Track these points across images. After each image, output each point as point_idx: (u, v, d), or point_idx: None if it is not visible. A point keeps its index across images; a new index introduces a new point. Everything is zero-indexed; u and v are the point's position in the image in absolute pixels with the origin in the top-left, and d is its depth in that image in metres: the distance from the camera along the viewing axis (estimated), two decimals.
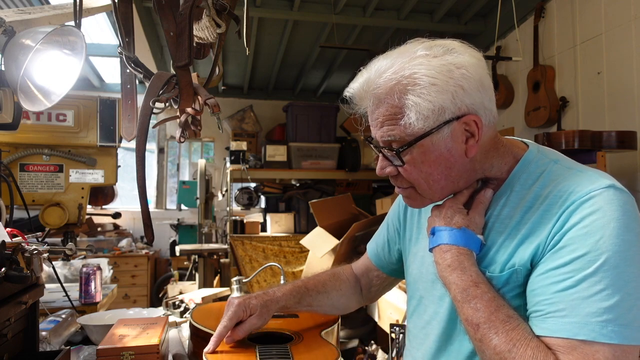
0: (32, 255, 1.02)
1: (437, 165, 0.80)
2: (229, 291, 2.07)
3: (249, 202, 4.62)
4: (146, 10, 3.63)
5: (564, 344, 0.67)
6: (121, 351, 1.08)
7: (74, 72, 1.32)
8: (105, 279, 2.35)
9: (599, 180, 0.74)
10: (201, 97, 1.21)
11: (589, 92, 3.09)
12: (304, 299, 1.08)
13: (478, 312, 0.74)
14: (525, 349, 0.68)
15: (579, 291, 0.68)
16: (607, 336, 0.65)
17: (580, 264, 0.69)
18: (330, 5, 3.63)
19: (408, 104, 0.77)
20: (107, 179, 1.93)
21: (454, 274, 0.79)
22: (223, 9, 1.22)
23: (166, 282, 4.86)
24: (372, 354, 2.71)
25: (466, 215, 0.84)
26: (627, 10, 2.78)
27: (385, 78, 0.78)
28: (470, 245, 0.81)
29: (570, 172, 0.79)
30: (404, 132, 0.78)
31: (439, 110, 0.76)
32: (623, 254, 0.67)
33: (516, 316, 0.73)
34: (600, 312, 0.66)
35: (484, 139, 0.81)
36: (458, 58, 0.78)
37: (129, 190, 5.43)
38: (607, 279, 0.67)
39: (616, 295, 0.66)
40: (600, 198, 0.71)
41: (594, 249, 0.68)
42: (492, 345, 0.71)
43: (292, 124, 4.48)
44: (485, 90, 0.79)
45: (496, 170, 0.85)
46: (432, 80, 0.75)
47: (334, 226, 3.34)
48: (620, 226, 0.69)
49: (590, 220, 0.70)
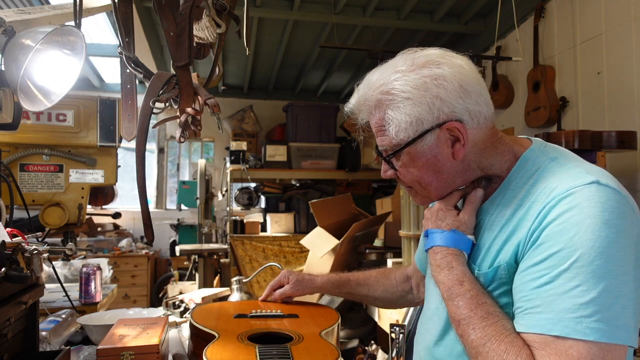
0: (32, 255, 1.02)
1: (426, 169, 0.86)
2: (229, 291, 2.07)
3: (249, 202, 4.62)
4: (146, 10, 3.63)
5: (538, 339, 0.68)
6: (121, 351, 1.08)
7: (74, 72, 1.32)
8: (105, 279, 2.35)
9: (583, 177, 0.74)
10: (201, 97, 1.21)
11: (589, 92, 3.09)
12: (343, 287, 1.25)
13: (459, 309, 0.77)
14: (499, 344, 0.70)
15: (554, 287, 0.68)
16: (581, 332, 0.65)
17: (555, 261, 0.69)
18: (330, 5, 3.63)
19: (387, 118, 0.84)
20: (107, 179, 1.93)
21: (442, 274, 0.83)
22: (223, 9, 1.22)
23: (166, 282, 4.86)
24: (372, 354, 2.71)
25: (456, 216, 0.87)
26: (627, 10, 2.78)
27: (371, 93, 0.86)
28: (459, 245, 0.84)
29: (562, 168, 0.79)
30: (391, 142, 0.85)
31: (417, 122, 0.82)
32: (599, 250, 0.67)
33: (497, 313, 0.75)
34: (575, 308, 0.66)
35: (475, 140, 0.84)
36: (435, 70, 0.82)
37: (129, 190, 5.43)
38: (581, 275, 0.67)
39: (592, 292, 0.66)
40: (580, 194, 0.72)
41: (568, 246, 0.69)
42: (470, 340, 0.73)
43: (292, 124, 4.48)
44: (469, 95, 0.82)
45: (496, 168, 0.87)
46: (407, 95, 0.81)
47: (334, 226, 3.34)
48: (597, 222, 0.68)
49: (566, 217, 0.71)
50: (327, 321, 1.17)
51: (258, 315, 1.22)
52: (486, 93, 0.85)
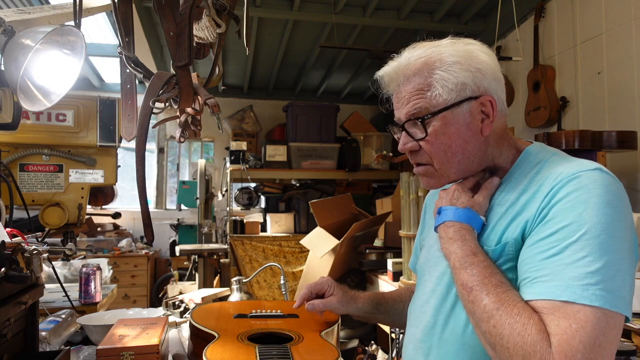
0: (32, 255, 1.02)
1: (456, 138, 0.89)
2: (229, 291, 2.07)
3: (249, 202, 4.61)
4: (146, 10, 3.63)
5: (547, 305, 0.71)
6: (121, 351, 1.08)
7: (74, 72, 1.32)
8: (105, 279, 2.35)
9: (587, 164, 0.81)
10: (201, 97, 1.21)
11: (589, 92, 3.09)
12: (381, 305, 1.19)
13: (473, 276, 0.80)
14: (512, 307, 0.73)
15: (563, 258, 0.72)
16: (588, 298, 0.69)
17: (564, 234, 0.74)
18: (330, 5, 3.63)
19: (436, 77, 0.88)
20: (107, 179, 1.93)
21: (454, 245, 0.86)
22: (223, 9, 1.22)
23: (166, 282, 4.86)
24: (372, 354, 2.71)
25: (471, 197, 0.91)
26: (627, 10, 2.78)
27: (415, 58, 0.90)
28: (472, 223, 0.88)
29: (564, 160, 0.86)
30: (429, 104, 0.88)
31: (462, 86, 0.87)
32: (604, 226, 0.72)
33: (508, 283, 0.79)
34: (582, 276, 0.70)
35: (497, 124, 0.90)
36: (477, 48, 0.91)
37: (129, 190, 5.43)
38: (589, 247, 0.71)
39: (598, 262, 0.70)
40: (585, 177, 0.77)
41: (577, 220, 0.74)
42: (483, 305, 0.76)
43: (292, 124, 4.48)
44: (499, 82, 0.91)
45: (503, 159, 0.93)
46: (456, 59, 0.88)
47: (334, 226, 3.34)
48: (602, 202, 0.74)
49: (575, 196, 0.76)
50: (327, 321, 1.18)
51: (258, 315, 1.22)
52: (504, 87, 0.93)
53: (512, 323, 0.72)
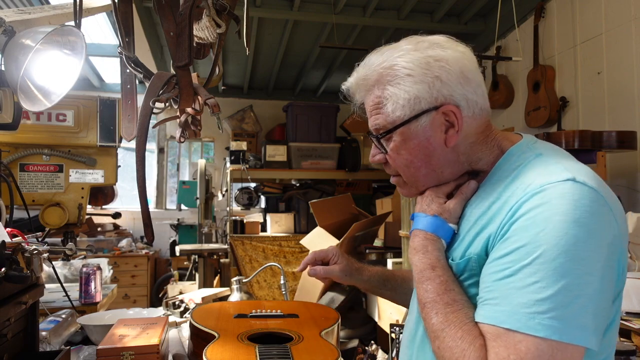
0: (32, 255, 1.02)
1: (417, 153, 0.84)
2: (229, 291, 2.07)
3: (249, 202, 4.61)
4: (146, 10, 3.63)
5: (491, 330, 0.68)
6: (121, 351, 1.08)
7: (74, 72, 1.32)
8: (105, 279, 2.35)
9: (560, 173, 0.72)
10: (201, 97, 1.21)
11: (589, 92, 3.09)
12: (388, 282, 1.16)
13: (427, 292, 0.78)
14: (457, 330, 0.71)
15: (514, 281, 0.68)
16: (532, 328, 0.64)
17: (518, 255, 0.69)
18: (330, 5, 3.63)
19: (386, 94, 0.83)
20: (107, 179, 1.93)
21: (416, 257, 0.83)
22: (223, 9, 1.22)
23: (166, 282, 4.86)
24: (372, 354, 2.71)
25: (443, 203, 0.86)
26: (627, 10, 2.78)
27: (371, 70, 0.86)
28: (438, 232, 0.84)
29: (543, 164, 0.77)
30: (386, 121, 0.84)
31: (415, 100, 0.81)
32: (564, 248, 0.66)
33: (462, 301, 0.75)
34: (530, 303, 0.65)
35: (468, 130, 0.83)
36: (439, 52, 0.82)
37: (129, 190, 5.43)
38: (542, 271, 0.66)
39: (550, 289, 0.65)
40: (552, 191, 0.70)
41: (533, 241, 0.68)
42: (431, 324, 0.75)
43: (292, 124, 4.48)
44: (469, 82, 0.82)
45: (483, 163, 0.86)
46: (408, 72, 0.81)
47: (334, 226, 3.34)
48: (566, 220, 0.67)
49: (535, 213, 0.70)
50: (327, 321, 1.18)
51: (258, 315, 1.22)
52: (484, 85, 0.85)
53: (453, 347, 0.70)
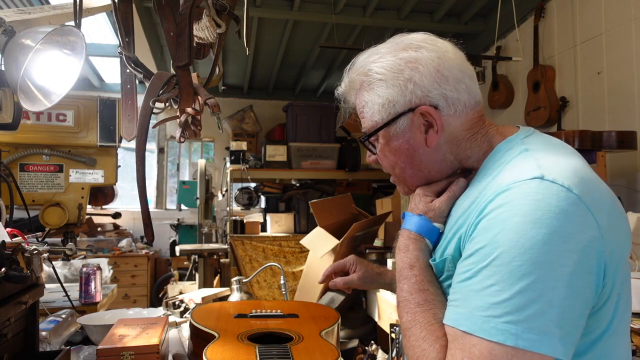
0: (32, 255, 1.02)
1: (399, 154, 0.86)
2: (229, 291, 2.07)
3: (249, 202, 4.61)
4: (146, 10, 3.63)
5: (451, 332, 0.68)
6: (121, 351, 1.08)
7: (74, 72, 1.32)
8: (105, 279, 2.35)
9: (530, 171, 0.69)
10: (201, 97, 1.21)
11: (589, 92, 3.09)
12: None
13: (402, 291, 0.80)
14: (421, 330, 0.73)
15: (473, 284, 0.67)
16: (487, 332, 0.63)
17: (479, 257, 0.68)
18: (330, 5, 3.63)
19: (362, 99, 0.86)
20: (107, 179, 1.93)
21: (398, 256, 0.85)
22: (223, 9, 1.22)
23: (166, 282, 4.86)
24: (372, 354, 2.71)
25: (429, 202, 0.85)
26: (627, 10, 2.78)
27: (354, 75, 0.88)
28: (422, 231, 0.84)
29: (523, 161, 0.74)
30: (368, 125, 0.87)
31: (389, 104, 0.82)
32: (520, 250, 0.63)
33: (434, 302, 0.76)
34: (486, 306, 0.64)
35: (451, 128, 0.82)
36: (412, 54, 0.82)
37: (129, 190, 5.43)
38: (498, 274, 0.64)
39: (505, 293, 0.63)
40: (516, 190, 0.68)
41: (491, 243, 0.66)
42: (402, 322, 0.78)
43: (292, 124, 4.48)
44: (446, 80, 0.80)
45: (473, 160, 0.84)
46: (380, 77, 0.83)
47: (334, 226, 3.34)
48: (525, 222, 0.64)
49: (496, 214, 0.68)
50: (327, 321, 1.18)
51: (258, 315, 1.22)
52: (469, 80, 0.83)
53: (415, 346, 0.72)
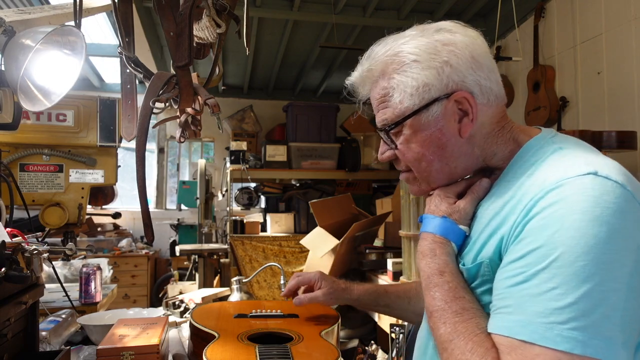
0: (32, 255, 1.02)
1: (429, 145, 0.79)
2: (229, 291, 2.07)
3: (249, 202, 4.61)
4: (146, 10, 3.63)
5: (505, 342, 0.62)
6: (121, 351, 1.08)
7: (74, 72, 1.32)
8: (105, 279, 2.35)
9: (579, 167, 0.66)
10: (201, 97, 1.21)
11: (589, 92, 3.09)
12: (381, 299, 1.16)
13: (434, 300, 0.73)
14: (466, 342, 0.65)
15: (529, 287, 0.61)
16: (551, 340, 0.58)
17: (533, 258, 0.62)
18: (330, 5, 3.63)
19: (392, 83, 0.78)
20: (107, 179, 1.93)
21: (423, 261, 0.78)
22: (223, 9, 1.22)
23: (166, 282, 4.86)
24: (372, 354, 2.71)
25: (452, 203, 0.80)
26: (627, 10, 2.78)
27: (376, 61, 0.81)
28: (447, 234, 0.78)
29: (563, 158, 0.71)
30: (394, 114, 0.79)
31: (424, 87, 0.76)
32: (584, 250, 0.59)
33: (473, 310, 0.70)
34: (548, 312, 0.59)
35: (483, 119, 0.78)
36: (447, 36, 0.78)
37: (129, 190, 5.43)
38: (560, 276, 0.59)
39: (569, 296, 0.58)
40: (570, 187, 0.63)
41: (549, 243, 0.61)
42: (439, 334, 0.70)
43: (292, 124, 4.48)
44: (481, 68, 0.77)
45: (498, 158, 0.80)
46: (415, 57, 0.76)
47: (334, 226, 3.34)
48: (585, 219, 0.60)
49: (550, 211, 0.63)
50: (327, 321, 1.18)
51: (258, 315, 1.22)
52: (497, 72, 0.80)
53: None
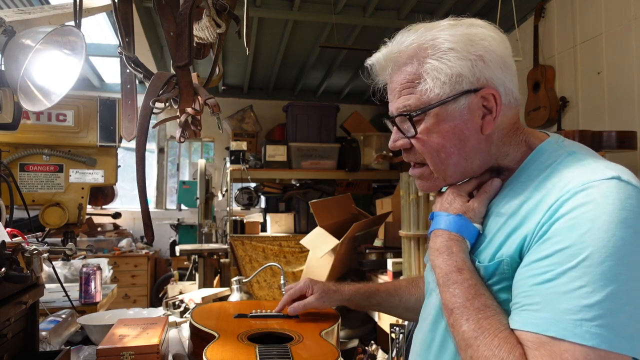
0: (32, 255, 1.02)
1: (450, 137, 0.79)
2: (229, 291, 2.07)
3: (249, 202, 4.61)
4: (146, 10, 3.63)
5: (533, 338, 0.64)
6: (121, 351, 1.08)
7: (74, 72, 1.32)
8: (105, 279, 2.35)
9: (602, 172, 0.68)
10: (201, 97, 1.21)
11: (589, 92, 3.09)
12: (372, 298, 1.18)
13: (455, 297, 0.73)
14: (492, 338, 0.66)
15: (557, 285, 0.63)
16: (580, 336, 0.60)
17: (562, 257, 0.64)
18: (330, 5, 3.63)
19: (426, 67, 0.77)
20: (107, 179, 1.93)
21: (440, 258, 0.78)
22: (223, 9, 1.22)
23: (166, 282, 4.86)
24: (372, 354, 2.71)
25: (466, 202, 0.82)
26: (627, 10, 2.78)
27: (407, 44, 0.80)
28: (463, 232, 0.79)
29: (580, 163, 0.73)
30: (420, 100, 0.78)
31: (457, 78, 0.76)
32: (611, 250, 0.62)
33: (494, 307, 0.71)
34: (577, 309, 0.61)
35: (503, 119, 0.79)
36: (482, 31, 0.79)
37: (129, 190, 5.42)
38: (589, 275, 0.61)
39: (598, 294, 0.60)
40: (597, 190, 0.66)
41: (578, 242, 0.63)
42: (461, 331, 0.70)
43: (292, 124, 4.48)
44: (508, 69, 0.78)
45: (510, 159, 0.82)
46: (452, 45, 0.76)
47: (334, 226, 3.33)
48: (614, 220, 0.63)
49: (579, 212, 0.65)
50: (327, 321, 1.17)
51: (258, 315, 1.22)
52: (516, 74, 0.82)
53: (490, 357, 0.65)
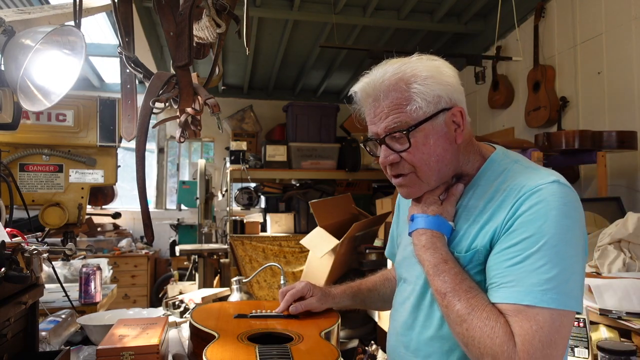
0: (32, 255, 1.02)
1: (435, 148, 0.95)
2: (229, 291, 2.07)
3: (249, 202, 4.61)
4: (146, 10, 3.63)
5: (512, 308, 0.81)
6: (121, 351, 1.08)
7: (74, 72, 1.32)
8: (105, 279, 2.35)
9: (547, 177, 0.89)
10: (201, 97, 1.21)
11: (589, 92, 3.09)
12: (356, 296, 1.28)
13: (445, 283, 0.89)
14: (481, 312, 0.83)
15: (525, 266, 0.82)
16: (546, 302, 0.79)
17: (526, 244, 0.83)
18: (330, 5, 3.63)
19: (414, 91, 0.93)
20: (107, 179, 1.93)
21: (427, 253, 0.94)
22: (223, 9, 1.22)
23: (166, 282, 4.86)
24: (372, 354, 2.71)
25: (440, 205, 0.99)
26: (627, 10, 2.78)
27: (390, 74, 0.95)
28: (442, 229, 0.96)
29: (526, 170, 0.94)
30: (409, 117, 0.93)
31: (437, 98, 0.93)
32: (561, 236, 0.82)
33: (477, 288, 0.88)
34: (542, 282, 0.80)
35: (465, 132, 0.97)
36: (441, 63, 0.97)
37: (129, 190, 5.43)
38: (547, 256, 0.81)
39: (554, 269, 0.81)
40: (546, 191, 0.86)
41: (538, 232, 0.83)
42: (456, 310, 0.86)
43: (292, 124, 4.48)
44: (463, 94, 0.97)
45: (470, 166, 1.00)
46: (429, 74, 0.94)
47: (334, 226, 3.33)
48: (560, 214, 0.83)
49: (536, 209, 0.85)
50: (327, 321, 1.17)
51: (258, 316, 1.21)
52: None
53: (482, 326, 0.81)
